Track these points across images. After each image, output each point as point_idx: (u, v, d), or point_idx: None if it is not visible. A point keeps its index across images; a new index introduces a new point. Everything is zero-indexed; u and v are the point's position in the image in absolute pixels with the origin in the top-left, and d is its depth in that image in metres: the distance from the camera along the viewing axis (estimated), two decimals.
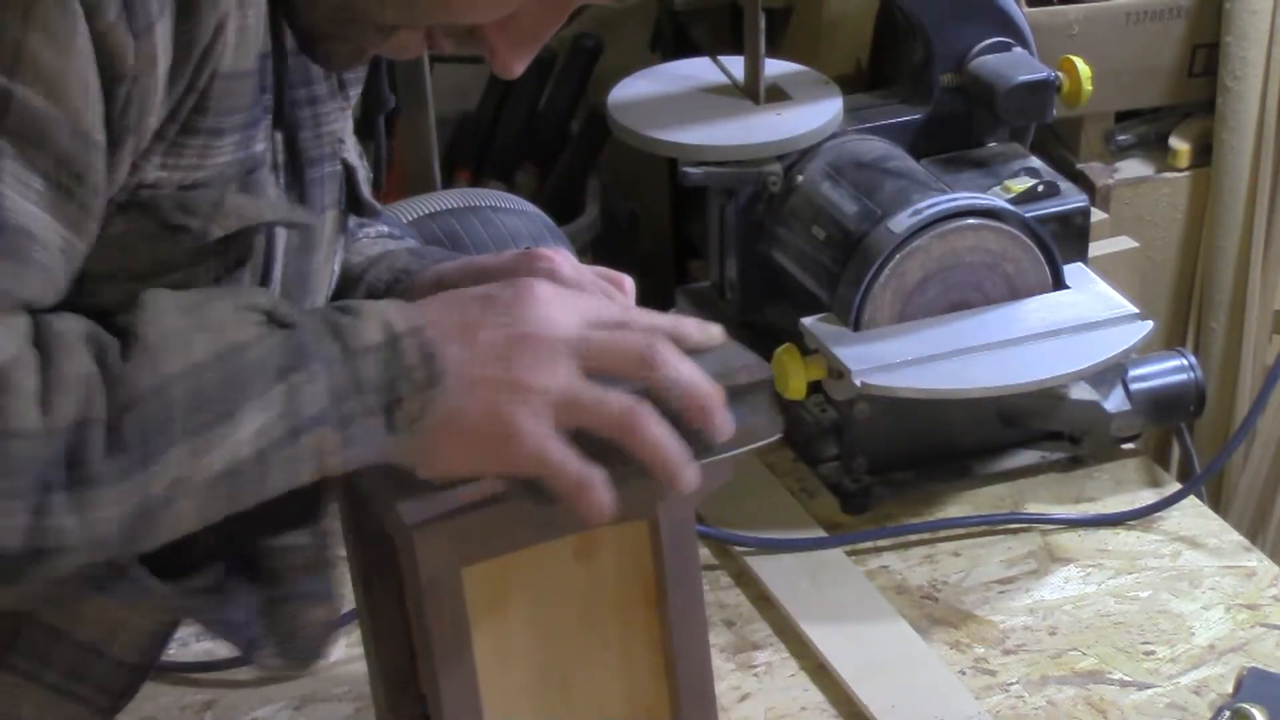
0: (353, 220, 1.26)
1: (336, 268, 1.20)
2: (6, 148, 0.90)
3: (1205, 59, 2.37)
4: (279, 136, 1.08)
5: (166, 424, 0.92)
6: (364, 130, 2.85)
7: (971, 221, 1.55)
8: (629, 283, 1.20)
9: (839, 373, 1.50)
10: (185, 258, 1.01)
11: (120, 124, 0.93)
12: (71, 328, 0.93)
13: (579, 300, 1.04)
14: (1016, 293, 1.57)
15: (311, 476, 0.98)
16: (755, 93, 1.71)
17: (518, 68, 1.07)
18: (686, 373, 1.01)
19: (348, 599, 1.49)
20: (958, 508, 1.60)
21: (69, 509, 0.90)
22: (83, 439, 0.90)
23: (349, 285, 1.22)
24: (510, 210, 1.58)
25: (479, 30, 1.05)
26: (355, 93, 1.18)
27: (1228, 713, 1.33)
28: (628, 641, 1.13)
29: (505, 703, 1.10)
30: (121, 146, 0.94)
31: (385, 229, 1.30)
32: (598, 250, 2.57)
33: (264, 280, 1.09)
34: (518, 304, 1.02)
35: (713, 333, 1.06)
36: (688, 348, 1.04)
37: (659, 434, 0.99)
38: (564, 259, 1.16)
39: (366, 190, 1.23)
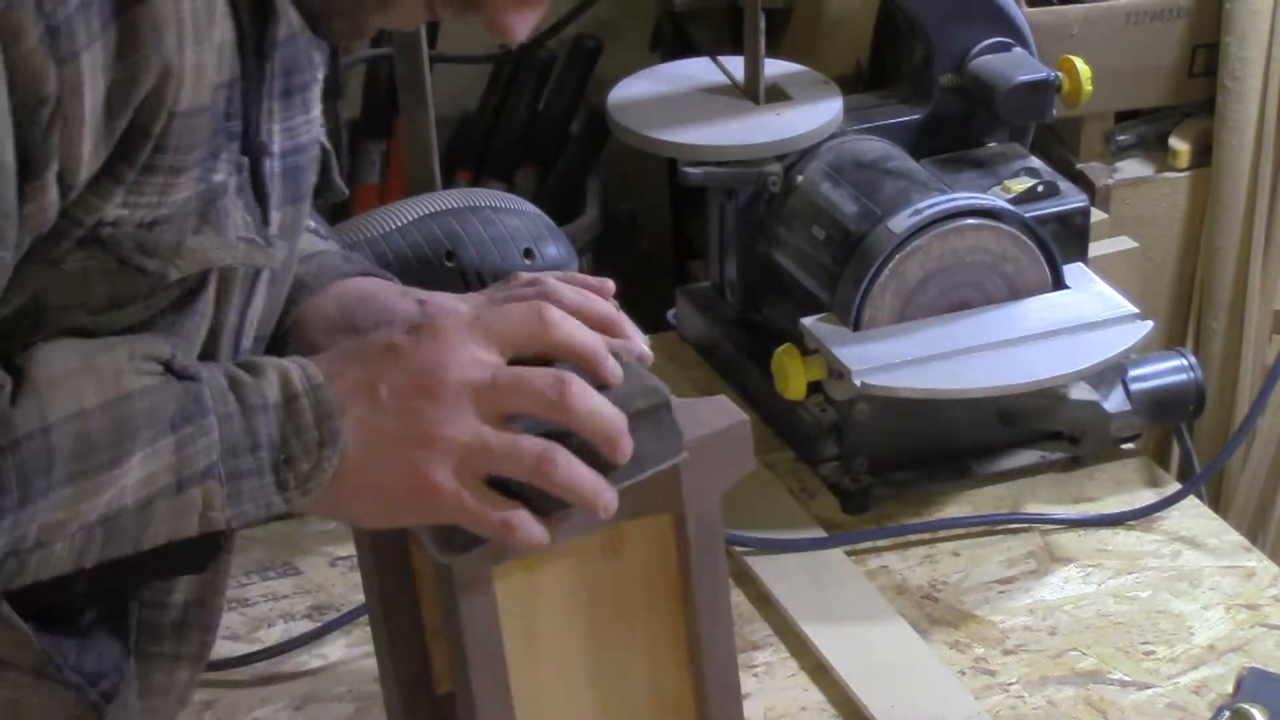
0: None
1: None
2: None
3: (1205, 59, 2.38)
4: (275, 143, 1.07)
5: (48, 468, 0.92)
6: (371, 129, 2.86)
7: (971, 221, 1.55)
8: (610, 285, 1.20)
9: (839, 373, 1.50)
10: (143, 293, 1.01)
11: (42, 148, 0.92)
12: None
13: (489, 329, 1.02)
14: (1016, 293, 1.57)
15: (194, 530, 0.98)
16: (755, 93, 1.71)
17: (521, 32, 1.06)
18: (593, 406, 1.01)
19: (348, 600, 1.49)
20: (958, 508, 1.60)
21: None
22: None
23: None
24: (510, 210, 1.58)
25: None
26: (322, 76, 1.18)
27: (1228, 713, 1.33)
28: (654, 635, 1.13)
29: (535, 700, 1.09)
30: (43, 173, 0.92)
31: (312, 224, 1.30)
32: (598, 250, 2.57)
33: (254, 285, 1.09)
34: (421, 350, 1.01)
35: (642, 348, 1.07)
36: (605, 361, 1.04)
37: (573, 474, 1.00)
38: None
39: (335, 173, 1.23)
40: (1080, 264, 1.63)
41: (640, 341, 1.17)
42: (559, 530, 1.03)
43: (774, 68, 1.74)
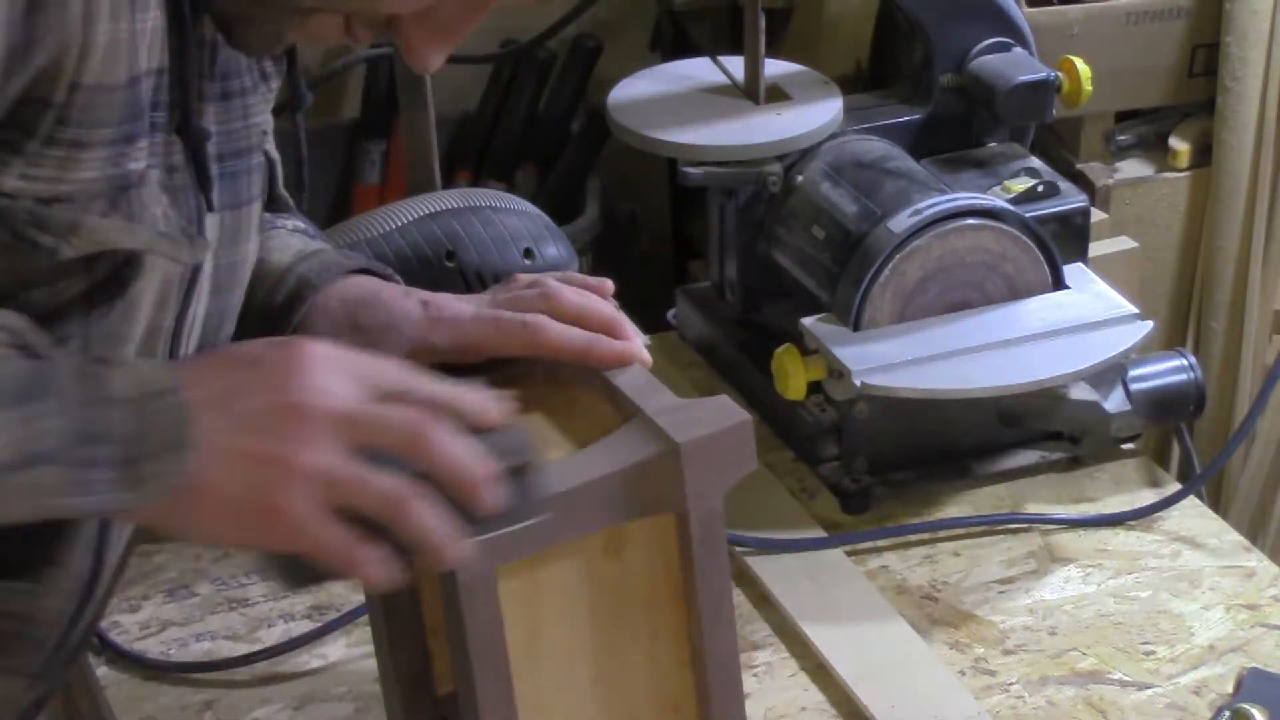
0: (267, 214, 1.25)
1: (253, 258, 1.18)
2: None
3: (1205, 59, 2.38)
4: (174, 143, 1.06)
5: None
6: (371, 129, 2.86)
7: (971, 221, 1.55)
8: (609, 285, 1.21)
9: (839, 373, 1.50)
10: (44, 274, 1.00)
11: None
12: None
13: (357, 365, 1.01)
14: (1016, 293, 1.57)
15: (28, 515, 0.96)
16: (755, 93, 1.71)
17: (433, 63, 1.06)
18: (456, 452, 0.99)
19: (348, 600, 1.49)
20: (958, 508, 1.60)
21: None
22: None
23: (276, 278, 1.21)
24: (510, 210, 1.58)
25: (397, 21, 1.04)
26: (275, 85, 1.17)
27: (1228, 713, 1.33)
28: (657, 634, 1.13)
29: (537, 700, 1.09)
30: None
31: (301, 225, 1.29)
32: (598, 250, 2.57)
33: (190, 289, 1.08)
34: (287, 369, 0.99)
35: (490, 408, 1.03)
36: (465, 424, 1.02)
37: (424, 518, 0.98)
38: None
39: (279, 185, 1.21)
40: (1080, 264, 1.63)
41: (640, 342, 1.17)
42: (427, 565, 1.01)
43: (774, 68, 1.74)
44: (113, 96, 0.98)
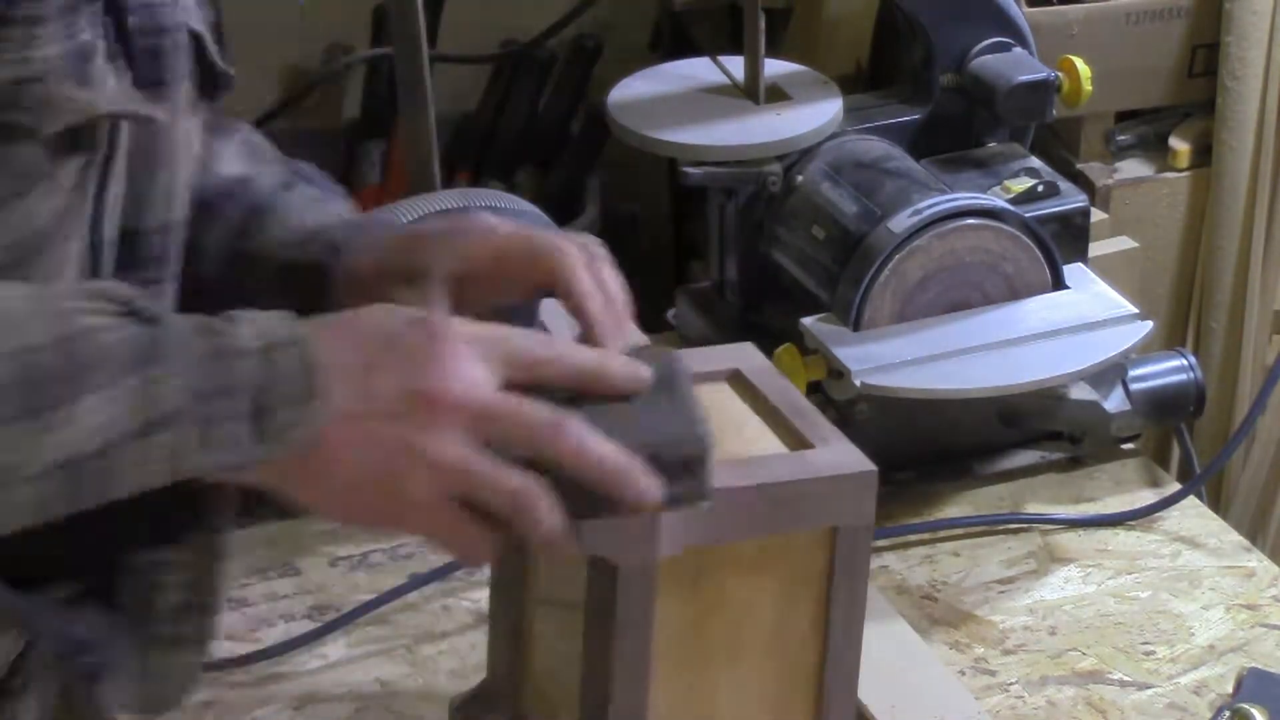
0: (277, 175, 1.23)
1: (198, 148, 1.14)
2: None
3: (1205, 59, 2.38)
4: (108, 19, 1.02)
5: None
6: (371, 129, 2.85)
7: (971, 221, 1.55)
8: (598, 246, 1.17)
9: (839, 373, 1.50)
10: (25, 164, 0.96)
11: None
12: None
13: (497, 344, 0.99)
14: (1016, 293, 1.57)
15: (165, 479, 0.94)
16: (755, 93, 1.71)
17: None
18: (592, 450, 0.97)
19: (348, 600, 1.49)
20: (958, 508, 1.60)
21: None
22: None
23: (304, 243, 1.18)
24: (510, 210, 1.58)
25: None
26: None
27: (1228, 713, 1.33)
28: (782, 651, 1.11)
29: (664, 709, 1.06)
30: None
31: (256, 138, 1.25)
32: None
33: (105, 173, 1.04)
34: (425, 351, 0.97)
35: (641, 374, 1.01)
36: (612, 391, 1.00)
37: (548, 518, 0.97)
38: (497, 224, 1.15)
39: (219, 58, 1.14)
40: (1080, 264, 1.63)
41: (636, 339, 1.16)
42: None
43: (774, 68, 1.74)
44: None
